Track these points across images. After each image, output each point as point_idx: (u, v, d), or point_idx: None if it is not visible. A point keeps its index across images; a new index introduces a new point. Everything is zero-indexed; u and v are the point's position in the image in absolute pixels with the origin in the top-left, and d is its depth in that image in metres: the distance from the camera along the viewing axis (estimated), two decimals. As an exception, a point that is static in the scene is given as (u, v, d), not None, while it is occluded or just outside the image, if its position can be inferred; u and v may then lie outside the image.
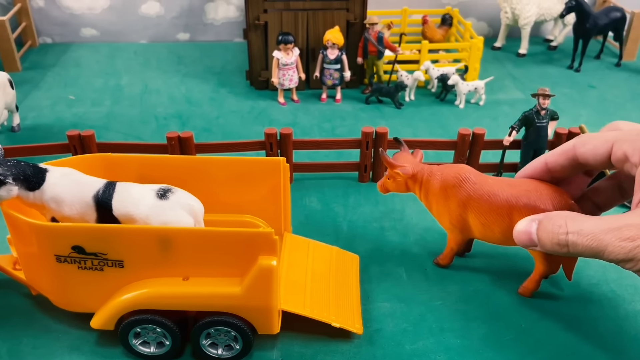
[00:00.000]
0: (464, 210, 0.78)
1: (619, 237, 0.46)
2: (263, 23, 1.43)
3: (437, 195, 0.81)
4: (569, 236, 0.49)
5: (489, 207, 0.75)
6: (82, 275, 0.71)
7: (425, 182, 0.82)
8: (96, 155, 0.83)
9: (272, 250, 0.68)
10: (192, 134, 1.06)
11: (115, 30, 1.83)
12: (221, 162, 0.84)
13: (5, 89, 1.22)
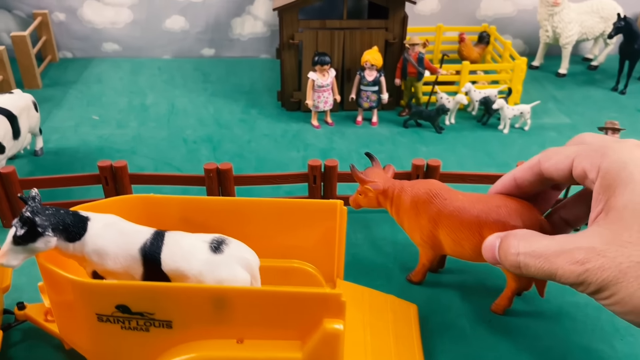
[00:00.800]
0: (434, 226, 0.77)
1: (568, 260, 0.45)
2: (297, 42, 1.36)
3: (408, 211, 0.80)
4: (520, 257, 0.48)
5: (460, 223, 0.74)
6: (126, 335, 0.64)
7: (396, 198, 0.81)
8: (136, 196, 0.76)
9: (339, 313, 0.61)
10: (231, 165, 0.98)
11: (138, 45, 1.76)
12: (271, 205, 0.77)
13: (29, 111, 1.16)
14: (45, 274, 0.65)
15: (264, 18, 1.75)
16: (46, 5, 1.68)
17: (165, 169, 1.20)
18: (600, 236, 0.45)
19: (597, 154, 0.49)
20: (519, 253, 0.48)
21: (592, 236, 0.45)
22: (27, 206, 0.62)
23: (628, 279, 0.42)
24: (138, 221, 0.73)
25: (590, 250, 0.44)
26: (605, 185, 0.46)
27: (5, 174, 0.95)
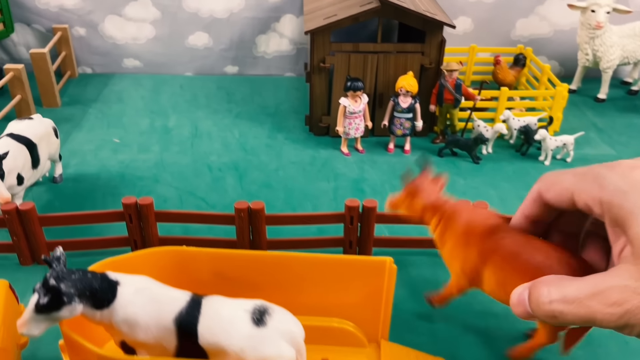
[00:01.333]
0: (482, 262, 0.68)
1: (604, 302, 0.42)
2: (329, 66, 1.30)
3: (456, 237, 0.70)
4: (553, 305, 0.44)
5: (513, 268, 0.65)
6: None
7: (447, 219, 0.72)
8: (167, 249, 0.70)
9: None
10: (264, 205, 0.92)
11: (159, 61, 1.71)
12: (312, 261, 0.70)
13: (49, 138, 1.10)
14: (69, 343, 0.59)
15: (290, 36, 1.69)
16: (66, 20, 1.63)
17: (190, 200, 1.14)
18: (629, 273, 0.42)
19: (593, 187, 0.46)
20: (552, 301, 0.44)
21: (623, 274, 0.42)
22: (51, 270, 0.57)
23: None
24: (169, 276, 0.67)
25: (625, 289, 0.41)
26: (614, 219, 0.44)
27: (24, 211, 0.89)
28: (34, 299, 0.55)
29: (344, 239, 0.97)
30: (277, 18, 1.66)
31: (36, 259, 0.95)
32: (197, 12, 1.64)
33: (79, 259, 0.97)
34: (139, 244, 0.96)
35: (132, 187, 1.17)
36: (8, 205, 0.89)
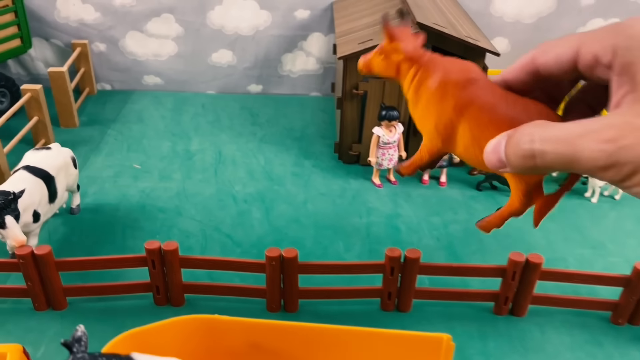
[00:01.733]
0: (458, 116, 0.58)
1: (597, 139, 0.36)
2: (362, 93, 1.23)
3: (431, 90, 0.61)
4: (536, 144, 0.39)
5: (489, 120, 0.56)
6: None
7: (423, 70, 0.62)
8: (197, 318, 0.63)
9: None
10: (297, 253, 0.85)
11: (181, 79, 1.65)
12: (359, 335, 0.63)
13: (68, 169, 1.04)
14: None
15: (317, 55, 1.62)
16: (86, 35, 1.57)
17: (214, 236, 1.07)
18: (633, 110, 0.38)
19: (608, 35, 0.41)
20: (533, 140, 0.39)
21: (625, 112, 0.38)
22: (72, 355, 0.50)
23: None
24: (199, 346, 0.60)
25: (625, 125, 0.37)
26: (626, 63, 0.39)
27: (40, 256, 0.82)
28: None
29: (383, 290, 0.89)
30: (305, 36, 1.59)
31: (51, 304, 0.88)
32: (221, 29, 1.57)
33: (96, 304, 0.91)
34: (161, 291, 0.89)
35: (154, 220, 1.11)
36: (23, 249, 0.82)
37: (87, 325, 0.86)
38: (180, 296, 0.90)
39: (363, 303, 0.93)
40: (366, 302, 0.93)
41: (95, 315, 0.88)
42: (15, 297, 0.88)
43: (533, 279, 0.86)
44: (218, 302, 0.92)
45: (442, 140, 0.63)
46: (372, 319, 0.90)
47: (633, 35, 0.40)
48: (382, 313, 0.92)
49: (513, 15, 1.57)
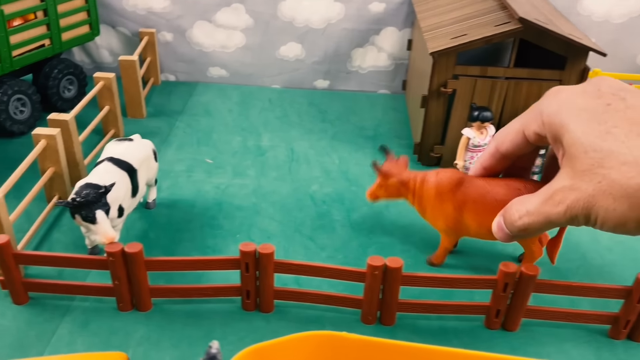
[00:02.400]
0: (459, 212, 0.83)
1: (552, 204, 0.50)
2: (450, 91, 1.15)
3: (431, 200, 0.85)
4: (522, 220, 0.53)
5: (484, 207, 0.80)
6: None
7: (419, 188, 0.87)
8: (324, 334, 0.56)
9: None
10: (402, 263, 0.78)
11: (246, 72, 1.60)
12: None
13: (149, 162, 0.99)
14: None
15: (389, 50, 1.55)
16: (154, 24, 1.53)
17: (297, 239, 1.01)
18: (565, 175, 0.51)
19: (537, 114, 0.55)
20: (520, 217, 0.53)
21: (560, 177, 0.51)
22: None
23: (599, 200, 0.48)
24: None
25: (563, 189, 0.50)
26: (553, 135, 0.53)
27: (130, 254, 0.78)
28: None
29: (491, 307, 0.82)
30: (378, 31, 1.53)
31: (136, 304, 0.84)
32: (292, 21, 1.52)
33: (181, 306, 0.86)
34: (251, 295, 0.83)
35: (232, 219, 1.05)
36: (113, 246, 0.78)
37: (174, 329, 0.81)
38: (270, 302, 0.84)
39: (464, 319, 0.86)
40: (468, 319, 0.86)
41: (181, 319, 0.83)
42: (99, 295, 0.84)
43: (528, 292, 0.80)
44: (307, 309, 0.86)
45: (455, 232, 0.86)
46: (477, 338, 0.83)
47: (551, 111, 0.53)
48: (486, 331, 0.84)
49: (602, 14, 1.48)
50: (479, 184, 0.81)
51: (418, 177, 0.88)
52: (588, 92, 0.54)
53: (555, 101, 0.53)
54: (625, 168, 0.49)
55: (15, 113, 1.26)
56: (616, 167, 0.49)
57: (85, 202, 0.78)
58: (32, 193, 0.94)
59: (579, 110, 0.52)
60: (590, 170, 0.49)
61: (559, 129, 0.52)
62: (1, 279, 0.82)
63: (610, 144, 0.50)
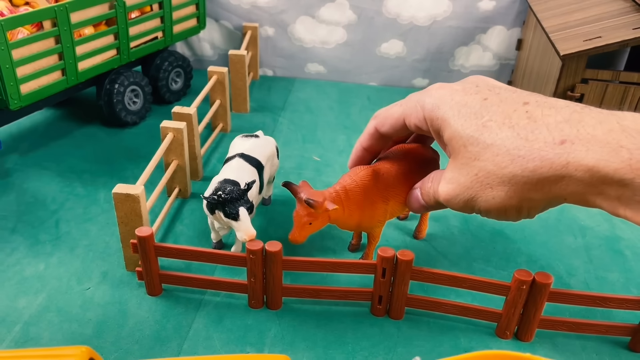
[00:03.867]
0: (386, 201, 0.86)
1: (442, 190, 0.63)
2: (578, 96, 1.10)
3: (362, 203, 0.85)
4: (435, 196, 0.64)
5: (401, 185, 0.84)
6: None
7: (346, 200, 0.84)
8: (509, 354, 0.54)
9: None
10: (552, 279, 0.74)
11: (345, 69, 1.58)
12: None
13: (273, 159, 0.99)
14: None
15: (495, 50, 1.50)
16: (257, 18, 1.53)
17: (415, 244, 0.99)
18: (449, 167, 0.60)
19: (418, 107, 0.61)
20: (436, 192, 0.64)
21: (447, 169, 0.61)
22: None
23: (477, 190, 0.55)
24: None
25: (447, 179, 0.60)
26: (434, 129, 0.60)
27: (271, 253, 0.77)
28: None
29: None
30: (485, 29, 1.48)
31: (267, 302, 0.83)
32: (396, 18, 1.49)
33: (310, 306, 0.85)
34: (383, 301, 0.81)
35: (349, 219, 1.04)
36: (254, 243, 0.77)
37: (307, 330, 0.80)
38: (401, 309, 0.82)
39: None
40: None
41: (312, 320, 0.82)
42: (232, 291, 0.84)
43: None
44: (438, 319, 0.84)
45: (383, 223, 0.88)
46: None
47: (431, 107, 0.60)
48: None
49: None
50: (387, 169, 0.83)
51: (338, 191, 0.83)
52: (467, 89, 0.59)
53: (437, 97, 0.59)
54: (499, 159, 0.53)
55: (129, 104, 1.29)
56: (491, 159, 0.53)
57: (230, 199, 0.77)
58: (160, 186, 0.96)
59: (458, 106, 0.57)
60: (468, 164, 0.55)
61: (441, 123, 0.58)
62: (139, 269, 0.84)
63: (486, 137, 0.54)
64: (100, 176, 1.13)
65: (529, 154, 0.52)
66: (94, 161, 1.18)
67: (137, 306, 0.83)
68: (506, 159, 0.53)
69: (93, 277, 0.88)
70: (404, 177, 0.83)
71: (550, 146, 0.51)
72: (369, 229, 0.88)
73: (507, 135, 0.53)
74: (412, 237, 1.00)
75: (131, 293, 0.85)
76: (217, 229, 0.90)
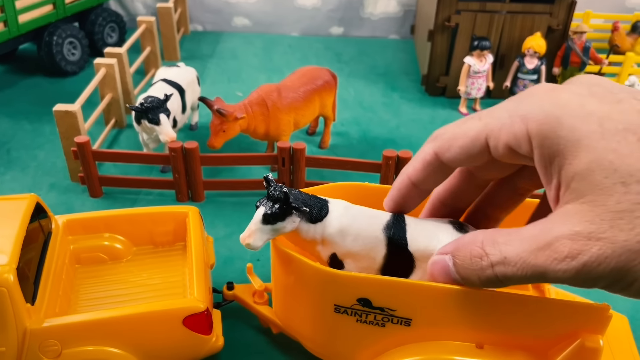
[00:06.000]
0: (289, 114, 1.04)
1: (554, 257, 0.35)
2: (453, 25, 1.30)
3: (266, 116, 1.03)
4: (496, 269, 0.39)
5: (299, 96, 1.07)
6: (359, 329, 0.62)
7: (253, 113, 1.03)
8: (350, 185, 0.73)
9: (601, 328, 0.56)
10: (411, 154, 0.95)
11: (268, 21, 1.75)
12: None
13: (194, 86, 1.16)
14: (282, 261, 0.64)
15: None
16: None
17: (318, 153, 1.18)
18: (579, 215, 0.34)
19: (515, 120, 0.38)
20: (492, 265, 0.39)
21: (568, 218, 0.35)
22: (274, 186, 0.60)
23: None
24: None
25: (576, 236, 0.34)
26: (549, 153, 0.36)
27: (189, 150, 0.95)
28: (261, 212, 0.58)
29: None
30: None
31: (192, 196, 1.01)
32: (309, -28, 1.67)
33: (228, 199, 1.03)
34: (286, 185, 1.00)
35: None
36: (175, 143, 0.95)
37: (224, 215, 0.99)
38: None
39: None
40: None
41: (230, 207, 1.01)
42: (162, 188, 1.01)
43: None
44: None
45: (290, 132, 1.07)
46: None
47: (546, 117, 0.35)
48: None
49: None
50: (290, 84, 1.08)
51: (246, 104, 1.04)
52: (598, 94, 0.37)
53: (553, 103, 0.37)
54: None
55: (68, 55, 1.43)
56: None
57: (151, 107, 0.94)
58: (96, 112, 1.12)
59: (598, 119, 0.35)
60: (633, 212, 0.33)
61: (563, 144, 0.35)
62: (81, 175, 1.00)
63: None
64: (45, 115, 1.27)
65: None
66: (39, 104, 1.32)
67: (81, 206, 1.00)
68: None
69: (42, 188, 1.04)
70: (305, 92, 1.05)
71: None
72: (276, 138, 1.07)
73: None
74: (318, 147, 1.19)
75: (76, 197, 1.02)
76: (146, 142, 1.07)
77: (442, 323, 0.59)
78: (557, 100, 0.36)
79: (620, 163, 0.33)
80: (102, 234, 0.77)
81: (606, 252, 0.33)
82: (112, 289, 0.73)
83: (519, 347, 0.59)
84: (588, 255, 0.34)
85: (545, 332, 0.58)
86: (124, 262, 0.76)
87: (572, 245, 0.35)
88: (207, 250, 0.77)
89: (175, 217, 0.78)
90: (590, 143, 0.34)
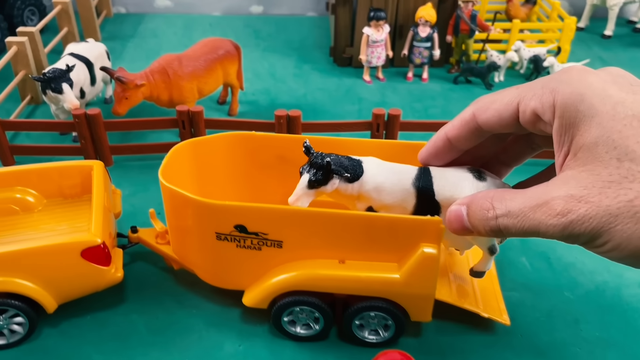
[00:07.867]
0: (191, 81, 1.13)
1: (548, 213, 0.42)
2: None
3: (168, 83, 1.12)
4: (499, 220, 0.45)
5: (204, 69, 1.16)
6: (240, 253, 0.71)
7: (154, 81, 1.11)
8: (240, 133, 0.81)
9: (436, 238, 0.66)
10: (301, 113, 1.04)
11: (189, 2, 1.81)
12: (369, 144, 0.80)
13: (103, 60, 1.22)
14: (169, 197, 0.72)
15: (313, -25, 1.78)
16: (102, -39, 1.73)
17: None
18: (576, 181, 0.41)
19: (546, 91, 0.44)
20: (497, 216, 0.46)
21: (567, 182, 0.41)
22: (315, 153, 0.66)
23: (622, 220, 0.39)
24: (241, 158, 0.80)
25: (569, 198, 0.41)
26: (566, 123, 0.42)
27: (92, 116, 1.02)
28: (306, 178, 0.65)
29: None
30: (300, -42, 1.75)
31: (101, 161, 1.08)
32: (225, -47, 1.73)
33: (136, 162, 1.10)
34: (189, 149, 1.08)
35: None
36: (78, 110, 1.01)
37: (130, 176, 1.06)
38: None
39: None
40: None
41: (136, 169, 1.08)
42: (71, 155, 1.08)
43: (395, 130, 1.07)
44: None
45: (198, 97, 1.18)
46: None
47: (572, 93, 0.42)
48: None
49: None
50: (191, 53, 1.18)
51: (147, 73, 1.11)
52: (620, 83, 0.43)
53: (579, 81, 0.43)
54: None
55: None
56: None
57: (53, 76, 1.01)
58: (9, 87, 1.17)
59: (613, 103, 0.41)
60: (620, 183, 0.39)
61: (580, 117, 0.42)
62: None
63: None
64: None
65: None
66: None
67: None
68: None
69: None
70: (206, 61, 1.15)
71: None
72: (180, 104, 1.14)
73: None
74: (227, 115, 1.27)
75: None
76: (56, 113, 1.12)
77: (308, 244, 0.70)
78: (584, 81, 0.43)
79: (621, 143, 0.39)
80: (14, 187, 0.83)
81: (591, 214, 0.40)
82: (22, 234, 0.79)
83: (374, 259, 0.70)
84: (576, 214, 0.40)
85: (393, 245, 0.68)
86: (35, 213, 0.83)
87: (565, 205, 0.41)
88: (114, 201, 0.85)
89: (81, 170, 0.85)
90: (602, 121, 0.40)
